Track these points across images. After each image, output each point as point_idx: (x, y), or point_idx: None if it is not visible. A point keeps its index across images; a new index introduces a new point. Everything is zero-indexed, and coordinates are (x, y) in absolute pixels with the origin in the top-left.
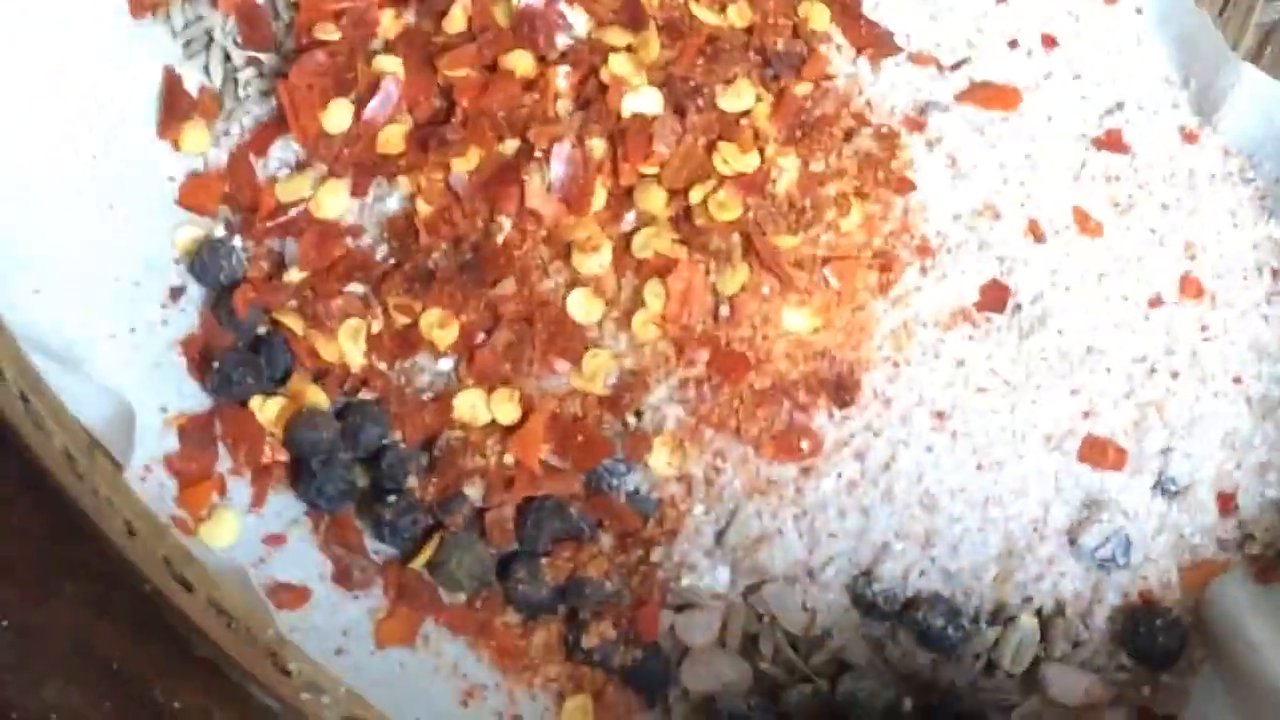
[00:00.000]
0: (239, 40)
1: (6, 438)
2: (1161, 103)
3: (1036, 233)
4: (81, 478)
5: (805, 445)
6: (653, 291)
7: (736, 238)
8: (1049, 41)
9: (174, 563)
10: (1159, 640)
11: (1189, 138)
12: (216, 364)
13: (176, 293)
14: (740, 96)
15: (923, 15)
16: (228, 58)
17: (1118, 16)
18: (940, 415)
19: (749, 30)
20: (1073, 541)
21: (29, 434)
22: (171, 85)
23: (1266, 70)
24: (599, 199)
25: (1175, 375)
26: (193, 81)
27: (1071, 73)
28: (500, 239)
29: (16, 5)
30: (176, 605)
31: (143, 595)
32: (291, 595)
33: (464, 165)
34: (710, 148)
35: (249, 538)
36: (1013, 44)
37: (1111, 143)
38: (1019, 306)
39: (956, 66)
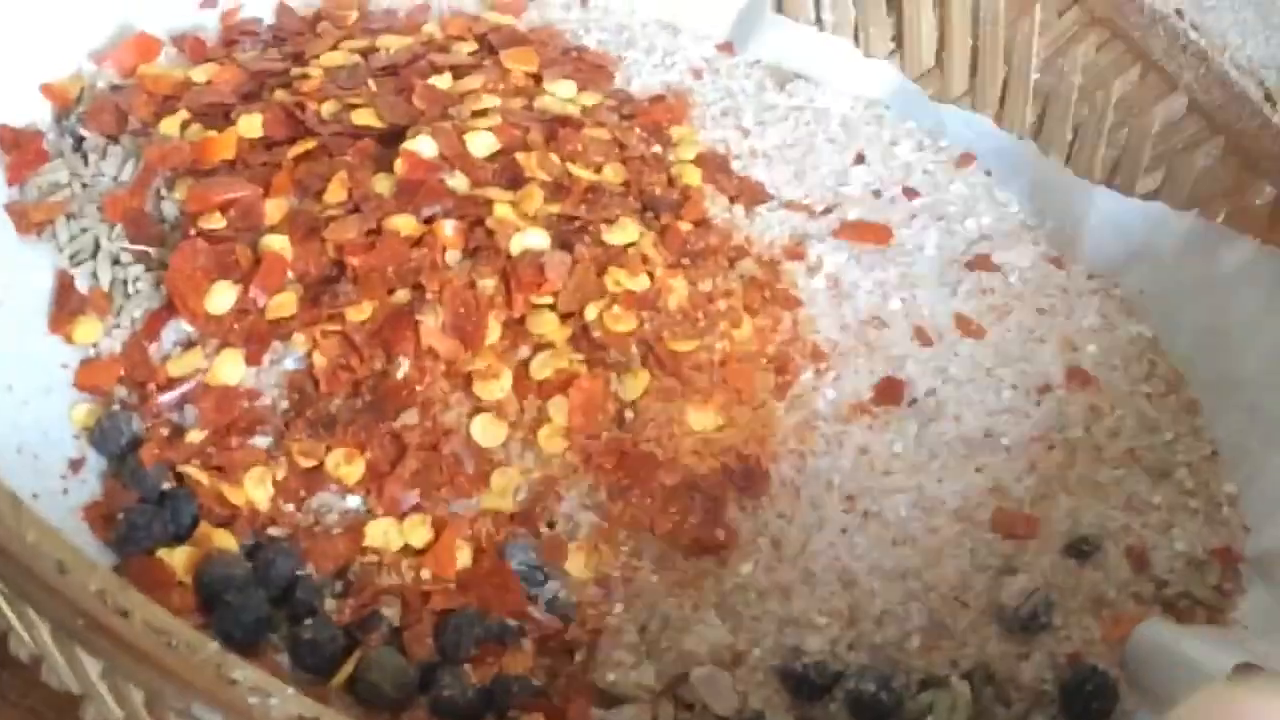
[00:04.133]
0: (126, 242)
1: None
2: (1023, 239)
3: (923, 337)
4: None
5: (720, 535)
6: (555, 406)
7: (634, 348)
8: (910, 194)
9: (109, 593)
10: (1091, 697)
11: (1054, 262)
12: (122, 515)
13: (76, 464)
14: (625, 231)
15: (787, 174)
16: (116, 260)
17: (970, 178)
18: (850, 498)
19: (625, 184)
20: (993, 605)
21: None
22: (64, 286)
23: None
24: (494, 332)
25: (1072, 449)
26: (84, 283)
27: (934, 215)
28: (400, 375)
29: None
30: (115, 631)
31: None
32: None
33: (358, 315)
34: (600, 274)
35: None
36: (876, 194)
37: (982, 264)
38: (914, 400)
39: (827, 211)
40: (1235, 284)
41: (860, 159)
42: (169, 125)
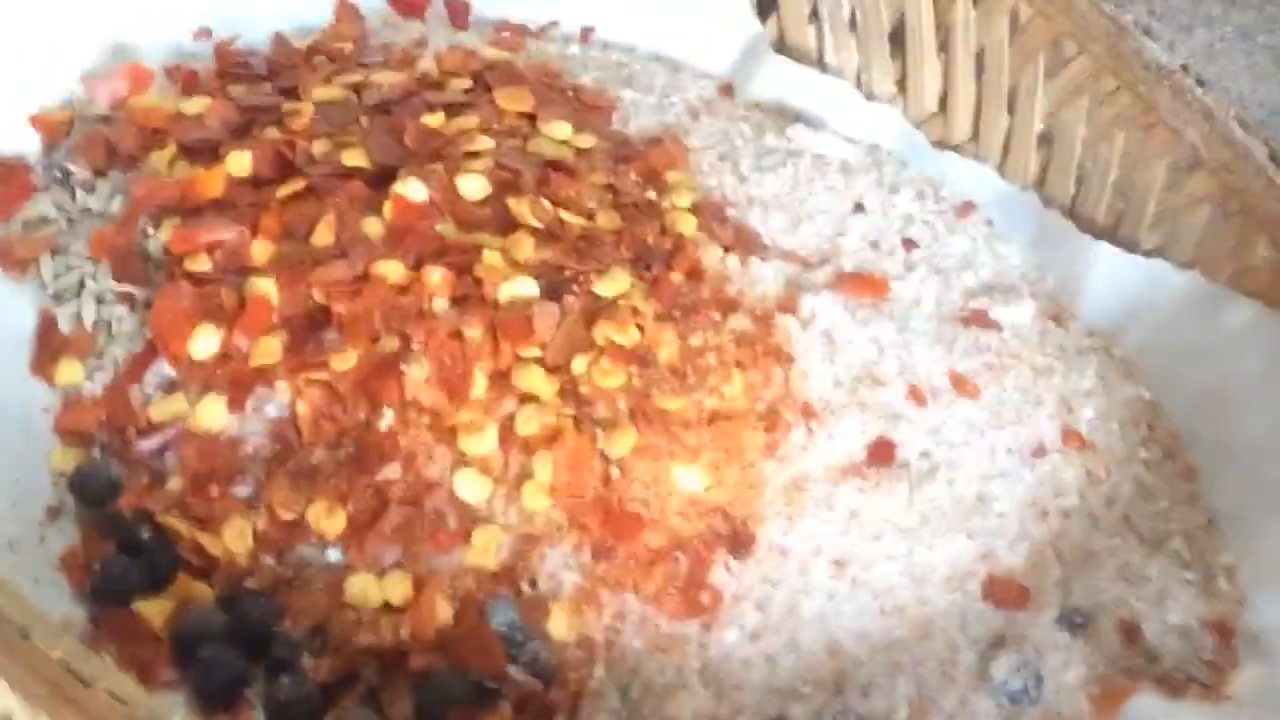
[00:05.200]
0: (112, 280)
1: None
2: (1023, 294)
3: (917, 396)
4: None
5: (705, 599)
6: (540, 462)
7: (622, 404)
8: (909, 245)
9: (72, 661)
10: None
11: (1053, 318)
12: (98, 566)
13: (54, 511)
14: (615, 282)
15: (784, 223)
16: (100, 299)
17: (971, 229)
18: (838, 564)
19: (618, 232)
20: (983, 679)
21: None
22: (46, 325)
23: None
24: (479, 385)
25: (1066, 516)
26: (67, 323)
27: (933, 268)
28: (384, 427)
29: None
30: (78, 701)
31: None
32: None
33: (343, 364)
34: (589, 326)
35: None
36: (874, 244)
37: (979, 320)
38: (906, 462)
39: (823, 262)
40: (1237, 347)
41: (859, 208)
42: (158, 160)
